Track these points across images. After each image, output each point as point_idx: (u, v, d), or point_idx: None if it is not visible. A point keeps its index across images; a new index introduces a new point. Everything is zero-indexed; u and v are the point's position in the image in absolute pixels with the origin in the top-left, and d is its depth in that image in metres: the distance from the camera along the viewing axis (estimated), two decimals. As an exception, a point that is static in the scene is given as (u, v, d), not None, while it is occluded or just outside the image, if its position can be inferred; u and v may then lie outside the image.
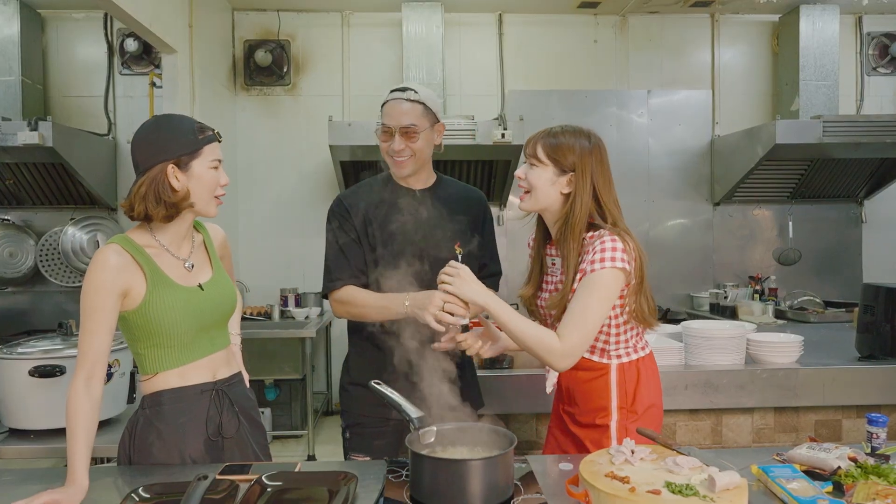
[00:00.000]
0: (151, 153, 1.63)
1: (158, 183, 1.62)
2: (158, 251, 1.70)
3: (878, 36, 5.58)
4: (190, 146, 1.65)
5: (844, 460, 1.51)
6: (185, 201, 1.66)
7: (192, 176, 1.65)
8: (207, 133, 1.69)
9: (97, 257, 1.61)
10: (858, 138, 4.64)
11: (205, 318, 1.74)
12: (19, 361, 2.23)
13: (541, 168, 1.79)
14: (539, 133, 1.84)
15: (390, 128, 2.03)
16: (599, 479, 1.37)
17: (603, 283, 1.69)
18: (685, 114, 5.46)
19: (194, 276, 1.76)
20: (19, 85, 4.81)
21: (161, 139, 1.65)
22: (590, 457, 1.51)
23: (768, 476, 1.48)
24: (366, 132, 4.48)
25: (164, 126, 1.68)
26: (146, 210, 1.63)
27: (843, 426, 2.76)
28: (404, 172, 2.07)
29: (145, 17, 3.56)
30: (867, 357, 2.90)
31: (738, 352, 2.80)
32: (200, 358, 1.75)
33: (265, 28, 5.40)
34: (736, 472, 1.35)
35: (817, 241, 5.54)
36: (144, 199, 1.62)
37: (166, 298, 1.66)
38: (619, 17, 5.54)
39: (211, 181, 1.68)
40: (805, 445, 1.63)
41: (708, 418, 2.75)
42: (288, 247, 5.42)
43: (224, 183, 1.73)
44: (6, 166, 4.59)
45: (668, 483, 1.34)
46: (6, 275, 5.03)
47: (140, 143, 1.66)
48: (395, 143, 2.02)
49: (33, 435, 2.29)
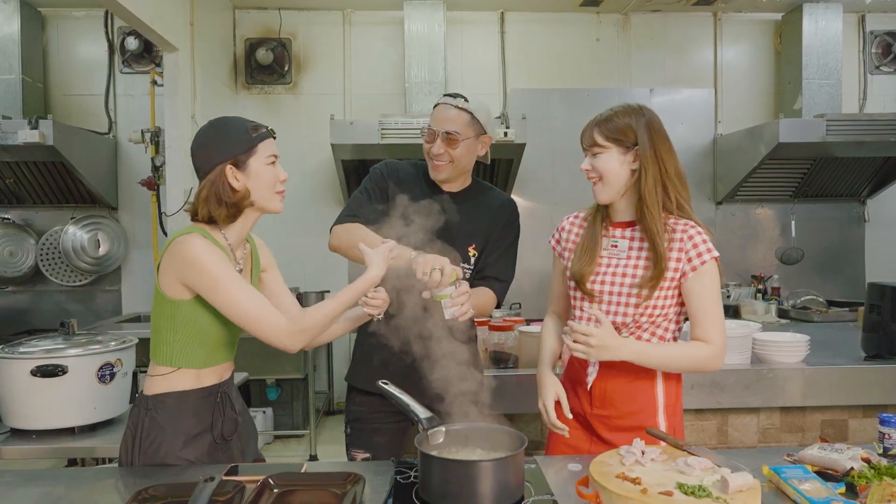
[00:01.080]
0: (209, 157, 1.66)
1: (218, 185, 1.65)
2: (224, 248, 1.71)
3: (881, 34, 5.56)
4: (244, 144, 1.66)
5: (857, 461, 1.50)
6: (245, 200, 1.68)
7: (251, 174, 1.67)
8: (261, 130, 1.71)
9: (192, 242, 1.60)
10: (861, 137, 4.62)
11: (237, 327, 1.73)
12: (21, 361, 2.21)
13: (605, 153, 1.78)
14: (590, 122, 1.83)
15: (434, 131, 2.06)
16: (610, 480, 1.36)
17: (715, 273, 1.75)
18: (688, 113, 5.44)
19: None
20: (20, 83, 4.79)
21: (216, 141, 1.67)
22: (600, 457, 1.49)
23: (780, 477, 1.46)
24: (368, 131, 4.46)
25: (219, 128, 1.70)
26: (209, 213, 1.66)
27: (850, 426, 2.74)
28: (440, 177, 2.10)
29: (146, 14, 3.55)
30: (874, 356, 2.88)
31: (744, 351, 2.79)
32: (216, 364, 1.75)
33: (266, 26, 5.38)
34: (748, 473, 1.34)
35: (820, 241, 5.52)
36: (207, 202, 1.65)
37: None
38: (621, 16, 5.52)
39: (269, 177, 1.70)
40: (816, 446, 1.61)
41: (714, 418, 2.74)
42: (289, 246, 5.39)
43: (283, 178, 1.74)
44: (6, 165, 4.58)
45: (680, 484, 1.33)
46: (6, 274, 5.02)
47: (198, 149, 1.68)
48: (435, 147, 2.05)
49: (35, 435, 2.27)
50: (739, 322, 3.34)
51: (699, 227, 1.77)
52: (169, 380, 1.69)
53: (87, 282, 5.10)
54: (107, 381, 2.33)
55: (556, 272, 2.03)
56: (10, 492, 1.57)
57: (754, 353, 2.83)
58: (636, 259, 1.80)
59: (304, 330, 1.64)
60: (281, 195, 1.75)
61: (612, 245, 1.84)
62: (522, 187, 5.22)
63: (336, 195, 5.37)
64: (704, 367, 1.77)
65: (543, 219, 5.29)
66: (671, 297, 1.78)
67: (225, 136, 1.67)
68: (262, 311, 1.62)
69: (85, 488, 1.61)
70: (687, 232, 1.76)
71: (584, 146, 1.83)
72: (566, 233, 1.98)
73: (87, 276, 5.08)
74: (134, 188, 5.02)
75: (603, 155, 1.77)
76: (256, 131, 1.69)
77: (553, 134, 5.31)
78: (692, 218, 1.79)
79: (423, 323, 1.80)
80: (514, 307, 4.45)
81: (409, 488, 1.38)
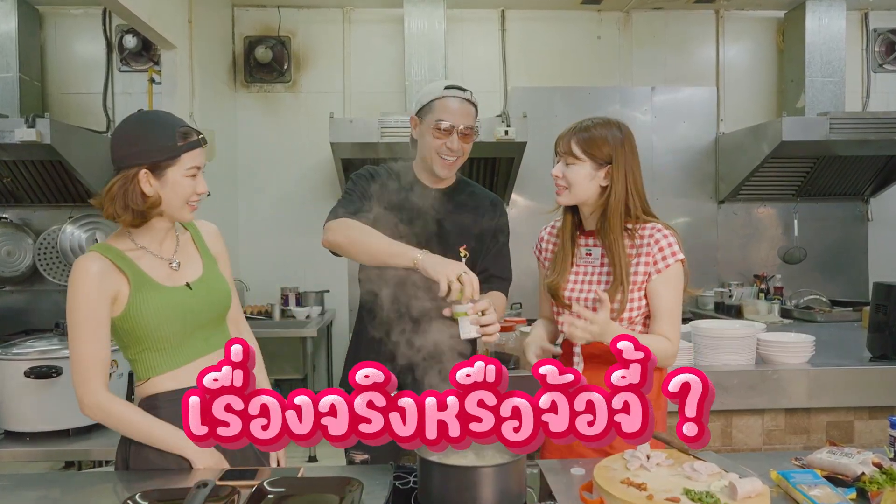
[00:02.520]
0: (128, 153, 1.57)
1: (128, 187, 1.55)
2: (140, 253, 1.65)
3: (884, 32, 5.53)
4: (168, 152, 1.56)
5: (868, 466, 1.46)
6: (153, 209, 1.59)
7: (166, 183, 1.58)
8: (190, 139, 1.59)
9: (76, 268, 1.56)
10: (865, 135, 4.59)
11: (196, 317, 1.68)
12: (15, 362, 2.21)
13: (578, 165, 1.81)
14: (569, 130, 1.85)
15: (451, 126, 1.95)
16: (615, 485, 1.33)
17: (678, 276, 1.82)
18: (689, 111, 5.41)
19: (181, 275, 1.70)
20: (17, 81, 4.75)
21: (139, 140, 1.57)
22: (604, 462, 1.46)
23: (789, 482, 1.42)
24: (367, 129, 4.44)
25: (145, 125, 1.61)
26: (114, 213, 1.57)
27: (856, 428, 2.72)
28: (449, 173, 2.05)
29: (144, 12, 3.52)
30: (879, 357, 2.86)
31: (748, 352, 2.76)
32: (195, 359, 1.69)
33: (265, 24, 5.35)
34: (757, 479, 1.32)
35: (823, 240, 5.49)
36: (114, 202, 1.57)
37: (151, 301, 1.61)
38: (622, 14, 5.49)
39: (185, 189, 1.60)
40: (825, 450, 1.58)
41: (717, 420, 2.71)
42: (289, 245, 5.37)
43: (201, 191, 1.64)
44: (4, 164, 4.54)
45: (686, 490, 1.30)
46: (4, 273, 4.99)
47: (119, 140, 1.60)
48: (452, 143, 1.97)
49: (29, 437, 2.25)
50: (743, 322, 3.31)
51: (665, 230, 1.82)
52: (149, 387, 1.66)
53: (85, 281, 5.07)
54: (102, 383, 2.30)
55: (542, 279, 2.05)
56: (5, 496, 1.54)
57: (758, 353, 2.80)
58: (604, 265, 1.84)
59: (102, 412, 1.58)
60: (192, 207, 1.65)
61: (586, 253, 1.89)
62: (523, 186, 5.18)
63: (336, 194, 5.33)
64: (666, 362, 1.81)
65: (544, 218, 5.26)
66: (640, 300, 1.82)
67: (149, 137, 1.56)
68: (86, 365, 1.56)
69: (80, 492, 1.59)
70: (654, 236, 1.81)
71: (559, 152, 1.85)
72: (544, 243, 2.04)
73: (85, 275, 5.05)
74: (132, 187, 4.98)
75: (576, 166, 1.81)
76: (185, 139, 1.58)
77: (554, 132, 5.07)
78: (657, 219, 1.84)
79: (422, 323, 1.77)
80: (515, 307, 4.43)
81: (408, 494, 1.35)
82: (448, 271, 1.64)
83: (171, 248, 1.72)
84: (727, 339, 2.75)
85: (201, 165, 1.63)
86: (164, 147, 1.56)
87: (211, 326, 1.75)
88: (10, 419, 2.25)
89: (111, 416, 1.59)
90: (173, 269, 1.70)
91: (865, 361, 2.83)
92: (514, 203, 5.30)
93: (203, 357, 1.71)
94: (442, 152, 1.98)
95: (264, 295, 5.22)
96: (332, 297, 5.28)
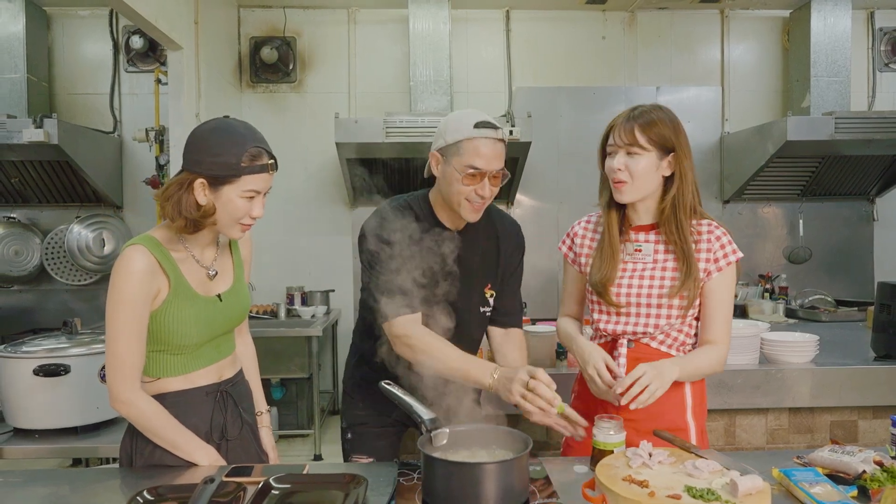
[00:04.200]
0: (193, 158, 1.55)
1: (184, 192, 1.55)
2: (183, 256, 1.65)
3: (890, 31, 5.52)
4: (228, 170, 1.53)
5: (869, 464, 1.47)
6: (206, 218, 1.58)
7: (220, 198, 1.56)
8: (257, 162, 1.56)
9: (123, 263, 1.54)
10: (871, 135, 4.59)
11: (216, 328, 1.70)
12: (24, 360, 2.22)
13: (644, 156, 1.69)
14: (627, 119, 1.71)
15: (482, 171, 1.75)
16: (617, 482, 1.33)
17: (734, 276, 1.75)
18: (695, 111, 5.41)
19: (215, 286, 1.71)
20: (25, 82, 4.80)
21: (208, 149, 1.54)
22: (606, 460, 1.47)
23: (790, 480, 1.43)
24: (372, 129, 4.45)
25: (220, 135, 1.56)
26: (170, 215, 1.57)
27: (860, 427, 2.71)
28: (477, 217, 1.85)
29: (151, 13, 3.54)
30: (884, 356, 2.85)
31: (752, 351, 2.76)
32: (207, 365, 1.71)
33: (271, 25, 5.37)
34: (758, 476, 1.32)
35: (828, 239, 5.49)
36: (168, 203, 1.56)
37: (184, 309, 1.62)
38: (627, 13, 5.49)
39: (238, 210, 1.58)
40: (827, 448, 1.59)
41: (721, 419, 2.71)
42: (294, 245, 5.40)
43: (255, 215, 1.61)
44: (12, 164, 4.59)
45: (688, 487, 1.30)
46: (12, 273, 5.03)
47: (191, 141, 1.58)
48: (483, 189, 1.78)
49: (37, 435, 2.27)
50: (747, 321, 3.30)
51: (723, 228, 1.76)
52: (157, 386, 1.67)
53: (92, 281, 5.11)
54: (109, 381, 2.32)
55: (570, 278, 1.96)
56: (14, 492, 1.56)
57: (763, 353, 2.80)
58: (663, 262, 1.75)
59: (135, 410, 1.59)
60: (244, 227, 1.63)
61: (635, 250, 1.78)
62: (528, 186, 5.20)
63: (341, 193, 5.36)
64: (718, 370, 1.77)
65: (549, 218, 5.28)
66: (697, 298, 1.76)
67: (216, 149, 1.53)
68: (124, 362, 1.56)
69: (87, 489, 1.60)
70: (713, 233, 1.75)
71: (620, 144, 1.70)
72: (580, 238, 1.91)
73: (92, 275, 5.09)
74: (139, 187, 5.02)
75: (641, 157, 1.69)
76: (252, 161, 1.55)
77: (559, 132, 5.29)
78: (711, 218, 1.78)
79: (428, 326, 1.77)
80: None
81: (412, 490, 1.36)
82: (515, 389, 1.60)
83: (212, 255, 1.73)
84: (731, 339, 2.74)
85: (262, 190, 1.60)
86: (227, 164, 1.53)
87: (225, 335, 1.77)
88: (19, 417, 2.27)
89: (142, 414, 1.59)
90: (209, 277, 1.70)
91: (870, 361, 2.82)
92: (519, 203, 5.31)
93: (214, 364, 1.73)
94: (471, 198, 1.79)
95: (270, 294, 5.25)
96: (337, 297, 5.31)
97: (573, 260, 1.93)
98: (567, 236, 1.96)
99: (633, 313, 1.76)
